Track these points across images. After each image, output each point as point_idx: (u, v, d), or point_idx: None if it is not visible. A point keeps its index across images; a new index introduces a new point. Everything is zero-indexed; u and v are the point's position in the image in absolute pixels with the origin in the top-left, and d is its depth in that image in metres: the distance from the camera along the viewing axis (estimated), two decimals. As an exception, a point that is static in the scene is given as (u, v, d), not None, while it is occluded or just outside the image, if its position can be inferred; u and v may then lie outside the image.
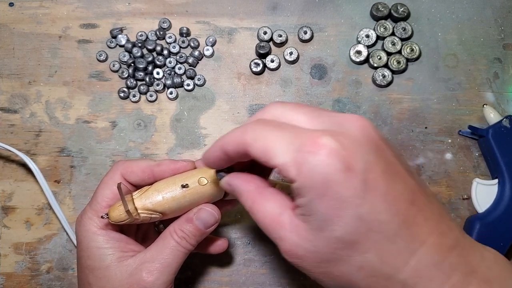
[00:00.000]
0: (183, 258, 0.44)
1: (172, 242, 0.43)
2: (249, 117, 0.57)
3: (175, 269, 0.43)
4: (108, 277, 0.42)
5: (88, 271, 0.43)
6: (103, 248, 0.43)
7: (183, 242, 0.43)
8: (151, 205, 0.42)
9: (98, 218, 0.43)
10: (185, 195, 0.43)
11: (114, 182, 0.44)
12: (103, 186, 0.44)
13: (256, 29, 0.58)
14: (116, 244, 0.44)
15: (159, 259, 0.43)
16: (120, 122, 0.57)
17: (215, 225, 0.44)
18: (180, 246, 0.43)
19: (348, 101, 0.57)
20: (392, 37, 0.57)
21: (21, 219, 0.56)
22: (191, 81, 0.57)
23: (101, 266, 0.43)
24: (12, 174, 0.57)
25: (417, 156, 0.56)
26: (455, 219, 0.55)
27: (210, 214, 0.43)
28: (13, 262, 0.56)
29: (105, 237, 0.43)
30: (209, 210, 0.43)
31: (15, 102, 0.58)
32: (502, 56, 0.57)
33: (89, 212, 0.44)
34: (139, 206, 0.42)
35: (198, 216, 0.43)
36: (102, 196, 0.44)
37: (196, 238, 0.43)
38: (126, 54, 0.58)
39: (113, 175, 0.44)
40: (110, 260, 0.43)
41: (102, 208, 0.43)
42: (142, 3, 0.59)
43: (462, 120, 0.56)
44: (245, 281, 0.55)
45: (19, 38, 0.59)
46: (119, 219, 0.41)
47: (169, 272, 0.43)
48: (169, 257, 0.43)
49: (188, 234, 0.43)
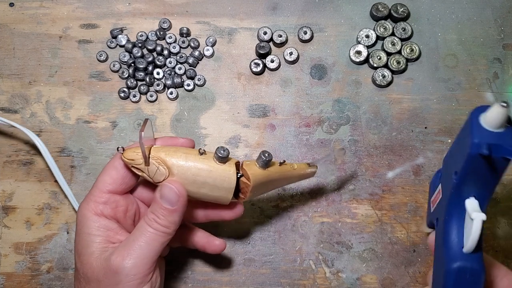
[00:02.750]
0: (158, 240, 0.43)
1: (144, 225, 0.43)
2: (249, 117, 0.57)
3: (150, 252, 0.42)
4: (90, 263, 0.43)
5: (77, 256, 0.44)
6: (92, 234, 0.43)
7: (154, 224, 0.42)
8: (163, 154, 0.43)
9: (95, 203, 0.44)
10: (198, 161, 0.43)
11: (114, 167, 0.44)
12: (103, 172, 0.45)
13: (256, 29, 0.58)
14: (105, 233, 0.44)
15: (130, 243, 0.42)
16: (120, 122, 0.57)
17: (180, 200, 0.43)
18: (152, 229, 0.42)
19: (348, 101, 0.57)
20: (392, 37, 0.57)
21: (21, 219, 0.56)
22: (191, 81, 0.57)
23: (86, 252, 0.43)
24: (12, 174, 0.57)
25: (417, 156, 0.56)
26: (455, 219, 0.55)
27: (171, 190, 0.42)
28: (13, 262, 0.56)
29: (97, 224, 0.44)
30: (169, 186, 0.43)
31: (16, 102, 0.58)
32: (502, 56, 0.57)
33: (88, 197, 0.44)
34: (153, 153, 0.43)
35: (162, 194, 0.43)
36: (102, 181, 0.44)
37: (167, 218, 0.42)
38: (126, 54, 0.58)
39: (113, 160, 0.45)
40: (95, 248, 0.43)
41: (100, 193, 0.44)
42: (142, 3, 0.59)
43: (462, 120, 0.56)
44: (245, 281, 0.55)
45: (20, 38, 0.59)
46: (131, 156, 0.43)
47: (142, 255, 0.42)
48: (141, 239, 0.42)
49: (158, 215, 0.42)
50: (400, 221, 0.55)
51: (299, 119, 0.57)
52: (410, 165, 0.56)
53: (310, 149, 0.56)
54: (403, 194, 0.56)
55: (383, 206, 0.56)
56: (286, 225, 0.56)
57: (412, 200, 0.56)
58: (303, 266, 0.55)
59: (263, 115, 0.57)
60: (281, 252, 0.55)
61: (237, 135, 0.57)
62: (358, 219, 0.55)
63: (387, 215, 0.55)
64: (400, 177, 0.56)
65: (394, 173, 0.56)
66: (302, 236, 0.55)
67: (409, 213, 0.55)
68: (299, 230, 0.56)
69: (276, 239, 0.55)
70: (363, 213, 0.55)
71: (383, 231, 0.55)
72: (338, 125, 0.57)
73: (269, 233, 0.56)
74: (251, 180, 0.44)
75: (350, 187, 0.56)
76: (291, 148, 0.57)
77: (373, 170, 0.56)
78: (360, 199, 0.56)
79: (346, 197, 0.56)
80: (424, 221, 0.55)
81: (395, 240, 0.55)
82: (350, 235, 0.55)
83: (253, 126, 0.57)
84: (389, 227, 0.55)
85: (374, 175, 0.56)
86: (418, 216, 0.55)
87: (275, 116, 0.57)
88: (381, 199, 0.56)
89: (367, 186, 0.56)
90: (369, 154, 0.56)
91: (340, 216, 0.55)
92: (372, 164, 0.56)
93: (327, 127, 0.57)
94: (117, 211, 0.45)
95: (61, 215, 0.56)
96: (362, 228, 0.55)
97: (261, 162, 0.45)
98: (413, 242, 0.55)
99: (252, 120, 0.57)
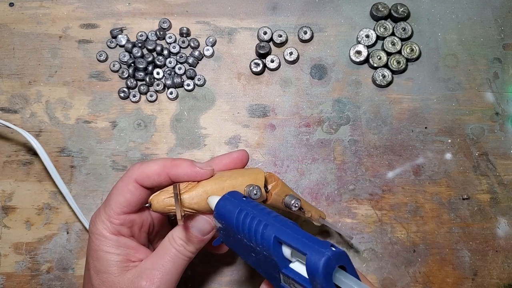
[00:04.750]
0: (184, 265, 0.44)
1: (171, 249, 0.43)
2: (249, 117, 0.57)
3: (176, 276, 0.43)
4: (110, 282, 0.43)
5: (93, 272, 0.44)
6: (111, 253, 0.43)
7: (182, 249, 0.43)
8: (196, 206, 0.42)
9: (111, 223, 0.43)
10: None
11: (129, 190, 0.43)
12: (117, 193, 0.44)
13: (256, 29, 0.58)
14: (125, 252, 0.44)
15: (158, 267, 0.43)
16: (120, 122, 0.57)
17: (212, 232, 0.44)
18: (180, 254, 0.43)
19: (348, 101, 0.57)
20: (392, 37, 0.57)
21: (21, 219, 0.56)
22: (191, 81, 0.57)
23: (106, 271, 0.43)
24: (12, 174, 0.57)
25: (417, 156, 0.56)
26: (455, 219, 0.55)
27: (205, 221, 0.43)
28: (13, 262, 0.56)
29: (115, 243, 0.43)
30: (204, 218, 0.43)
31: (15, 102, 0.58)
32: (502, 56, 0.57)
33: (103, 215, 0.44)
34: (185, 204, 0.41)
35: (194, 224, 0.43)
36: (116, 203, 0.43)
37: (195, 245, 0.44)
38: (126, 54, 0.58)
39: (128, 182, 0.44)
40: (115, 267, 0.43)
41: (116, 215, 0.43)
42: (142, 3, 0.59)
43: (462, 120, 0.56)
44: (245, 281, 0.55)
45: (19, 38, 0.59)
46: (161, 211, 0.42)
47: (170, 279, 0.43)
48: (168, 264, 0.43)
49: (187, 242, 0.43)
50: (400, 221, 0.55)
51: (299, 119, 0.57)
52: (410, 165, 0.56)
53: (310, 149, 0.56)
54: (403, 194, 0.56)
55: (383, 206, 0.56)
56: (286, 225, 0.56)
57: (412, 200, 0.56)
58: (303, 266, 0.55)
59: (263, 115, 0.57)
60: (281, 252, 0.55)
61: (237, 135, 0.57)
62: (358, 219, 0.55)
63: (387, 215, 0.55)
64: (400, 177, 0.56)
65: (394, 173, 0.56)
66: (302, 236, 0.55)
67: (409, 213, 0.55)
68: (299, 230, 0.55)
69: (276, 239, 0.55)
70: (363, 213, 0.55)
71: (383, 231, 0.55)
72: (338, 125, 0.57)
73: (269, 233, 0.56)
74: (268, 203, 0.45)
75: (350, 187, 0.56)
76: (291, 148, 0.57)
77: (373, 170, 0.56)
78: (360, 199, 0.56)
79: (346, 197, 0.56)
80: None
81: (395, 240, 0.55)
82: (350, 235, 0.55)
83: (253, 126, 0.57)
84: (389, 227, 0.55)
85: (374, 175, 0.56)
86: (418, 216, 0.55)
87: (275, 116, 0.57)
88: (381, 199, 0.56)
89: (367, 186, 0.56)
90: (369, 154, 0.56)
91: (340, 216, 0.55)
92: (372, 164, 0.56)
93: (327, 127, 0.57)
94: (133, 228, 0.45)
95: (61, 215, 0.56)
96: (362, 228, 0.55)
97: (286, 205, 0.45)
98: (413, 242, 0.55)
99: (252, 120, 0.57)
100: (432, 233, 0.55)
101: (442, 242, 0.55)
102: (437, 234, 0.55)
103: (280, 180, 0.46)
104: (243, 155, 0.46)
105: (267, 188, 0.45)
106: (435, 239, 0.55)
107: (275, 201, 0.45)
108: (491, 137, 0.56)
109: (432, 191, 0.55)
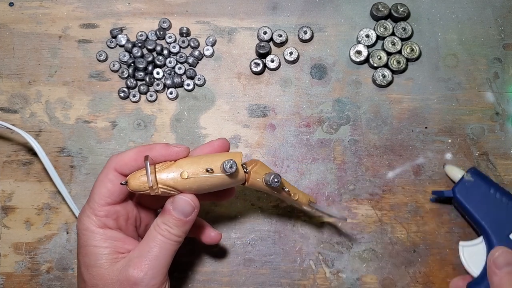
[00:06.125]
0: (172, 249, 0.44)
1: (157, 235, 0.43)
2: (249, 117, 0.57)
3: (164, 261, 0.43)
4: (101, 275, 0.43)
5: (84, 268, 0.44)
6: (99, 247, 0.43)
7: (167, 233, 0.43)
8: (172, 182, 0.42)
9: (96, 216, 0.44)
10: (208, 179, 0.42)
11: (109, 179, 0.44)
12: (99, 184, 0.44)
13: (256, 29, 0.58)
14: (113, 244, 0.44)
15: (145, 254, 0.43)
16: (120, 122, 0.57)
17: (194, 212, 0.44)
18: (165, 238, 0.43)
19: (348, 101, 0.57)
20: (392, 37, 0.57)
21: (21, 219, 0.56)
22: (191, 81, 0.57)
23: (96, 265, 0.43)
24: (12, 174, 0.57)
25: (417, 156, 0.56)
26: (455, 219, 0.55)
27: (186, 202, 0.43)
28: (13, 262, 0.56)
29: (103, 236, 0.44)
30: (184, 199, 0.43)
31: (15, 102, 0.58)
32: (502, 56, 0.57)
33: (87, 210, 0.44)
34: (161, 181, 0.42)
35: (175, 206, 0.43)
36: (99, 195, 0.44)
37: (180, 228, 0.43)
38: (126, 54, 0.58)
39: (107, 172, 0.44)
40: (104, 260, 0.43)
41: (100, 206, 0.44)
42: (142, 3, 0.59)
43: (462, 120, 0.56)
44: (245, 281, 0.55)
45: (19, 38, 0.59)
46: (138, 188, 0.42)
47: (158, 265, 0.43)
48: (155, 250, 0.43)
49: (170, 225, 0.43)
50: (400, 221, 0.55)
51: (299, 119, 0.57)
52: (410, 165, 0.56)
53: (310, 149, 0.56)
54: (403, 194, 0.56)
55: (383, 206, 0.56)
56: (286, 225, 0.56)
57: (412, 200, 0.55)
58: (303, 266, 0.55)
59: (263, 115, 0.57)
60: (281, 252, 0.55)
61: (237, 135, 0.57)
62: (358, 219, 0.55)
63: (387, 215, 0.55)
64: (400, 177, 0.56)
65: (394, 173, 0.56)
66: (302, 236, 0.55)
67: (409, 213, 0.55)
68: (299, 230, 0.55)
69: (276, 239, 0.55)
70: (363, 213, 0.55)
71: (383, 231, 0.55)
72: (338, 125, 0.57)
73: (269, 233, 0.56)
74: (248, 184, 0.45)
75: (350, 187, 0.56)
76: (291, 148, 0.57)
77: (373, 170, 0.56)
78: (360, 199, 0.56)
79: (346, 197, 0.56)
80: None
81: (395, 240, 0.55)
82: (350, 235, 0.55)
83: (253, 126, 0.57)
84: (389, 227, 0.55)
85: (374, 175, 0.56)
86: (418, 216, 0.55)
87: (275, 116, 0.57)
88: (381, 199, 0.56)
89: (367, 186, 0.56)
90: (369, 154, 0.56)
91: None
92: (372, 164, 0.56)
93: (327, 127, 0.57)
94: (119, 220, 0.45)
95: (61, 215, 0.56)
96: (362, 228, 0.55)
97: (266, 182, 0.45)
98: (413, 242, 0.55)
99: (252, 120, 0.57)
100: (432, 233, 0.55)
101: (442, 242, 0.55)
102: (437, 234, 0.55)
103: (260, 161, 0.46)
104: (223, 143, 0.46)
105: (247, 169, 0.45)
106: (435, 239, 0.55)
107: (255, 181, 0.45)
108: (491, 137, 0.56)
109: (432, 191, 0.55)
